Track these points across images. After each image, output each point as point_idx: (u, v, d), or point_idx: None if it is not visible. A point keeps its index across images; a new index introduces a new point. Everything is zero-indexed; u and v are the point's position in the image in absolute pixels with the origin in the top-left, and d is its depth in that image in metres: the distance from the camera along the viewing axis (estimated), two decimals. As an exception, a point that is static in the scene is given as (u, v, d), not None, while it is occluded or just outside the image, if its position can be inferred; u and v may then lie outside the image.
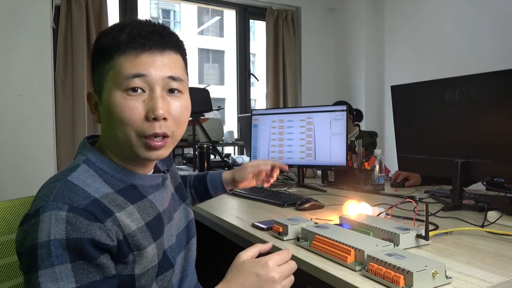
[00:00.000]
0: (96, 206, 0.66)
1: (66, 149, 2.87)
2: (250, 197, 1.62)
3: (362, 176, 1.82)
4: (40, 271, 0.61)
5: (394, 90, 1.60)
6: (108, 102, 0.71)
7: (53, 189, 0.66)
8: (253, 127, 2.03)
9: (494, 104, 1.25)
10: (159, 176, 0.84)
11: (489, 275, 0.77)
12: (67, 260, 0.62)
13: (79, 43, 2.87)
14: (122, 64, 0.70)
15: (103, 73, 0.73)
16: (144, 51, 0.71)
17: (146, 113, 0.71)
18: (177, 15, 18.36)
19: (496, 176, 1.23)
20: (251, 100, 4.10)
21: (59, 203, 0.64)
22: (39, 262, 0.61)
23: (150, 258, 0.74)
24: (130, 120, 0.70)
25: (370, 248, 0.83)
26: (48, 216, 0.62)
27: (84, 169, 0.72)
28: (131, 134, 0.72)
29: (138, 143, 0.72)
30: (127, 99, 0.70)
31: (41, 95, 2.71)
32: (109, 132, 0.74)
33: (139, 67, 0.70)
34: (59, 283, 0.61)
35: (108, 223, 0.66)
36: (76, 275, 0.62)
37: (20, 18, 2.62)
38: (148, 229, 0.75)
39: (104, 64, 0.72)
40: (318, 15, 4.06)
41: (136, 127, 0.71)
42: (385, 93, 3.75)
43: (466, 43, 3.05)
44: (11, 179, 2.55)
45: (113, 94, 0.71)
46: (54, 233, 0.61)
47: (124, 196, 0.74)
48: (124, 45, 0.71)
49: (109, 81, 0.72)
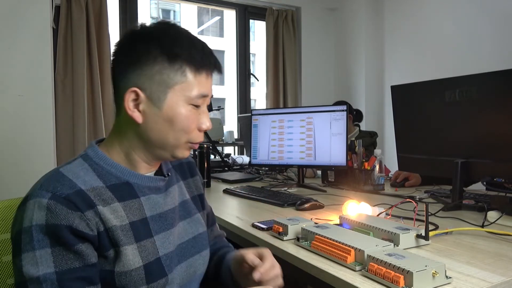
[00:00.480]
0: (79, 196, 0.70)
1: (66, 149, 2.87)
2: (250, 197, 1.62)
3: (362, 176, 1.82)
4: (23, 254, 0.65)
5: (394, 90, 1.60)
6: (174, 112, 0.77)
7: (43, 178, 0.72)
8: (253, 127, 2.03)
9: (494, 104, 1.25)
10: (159, 179, 0.84)
11: (489, 275, 0.77)
12: (47, 245, 0.66)
13: (79, 43, 2.87)
14: (198, 83, 0.78)
15: (168, 80, 0.76)
16: (210, 74, 0.81)
17: (199, 125, 0.81)
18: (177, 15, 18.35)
19: (496, 176, 1.23)
20: (251, 100, 4.10)
21: (44, 191, 0.69)
22: (22, 246, 0.66)
23: (130, 258, 0.73)
24: (190, 129, 0.80)
25: (370, 248, 0.83)
26: (33, 203, 0.68)
27: (79, 163, 0.77)
28: (182, 140, 0.80)
29: (184, 146, 0.81)
30: (192, 111, 0.79)
31: (41, 95, 2.71)
32: (156, 134, 0.78)
33: (208, 88, 0.80)
34: (39, 267, 0.65)
35: (88, 214, 0.70)
36: (55, 260, 0.66)
37: (20, 18, 2.62)
38: (132, 228, 0.75)
39: (172, 73, 0.76)
40: (318, 15, 4.06)
41: (190, 135, 0.80)
42: (385, 93, 3.75)
43: (466, 43, 3.05)
44: (11, 179, 2.55)
45: (181, 106, 0.78)
46: (36, 219, 0.66)
47: (114, 192, 0.76)
48: (199, 64, 0.78)
49: (177, 91, 0.77)
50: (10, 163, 2.57)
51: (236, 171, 2.48)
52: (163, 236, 0.81)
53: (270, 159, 1.98)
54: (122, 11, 3.29)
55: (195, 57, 0.77)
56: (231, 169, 2.55)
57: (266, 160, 1.99)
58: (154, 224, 0.80)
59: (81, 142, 2.85)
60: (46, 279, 0.65)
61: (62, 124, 2.86)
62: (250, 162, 2.06)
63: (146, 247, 0.77)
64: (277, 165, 2.01)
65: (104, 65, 3.00)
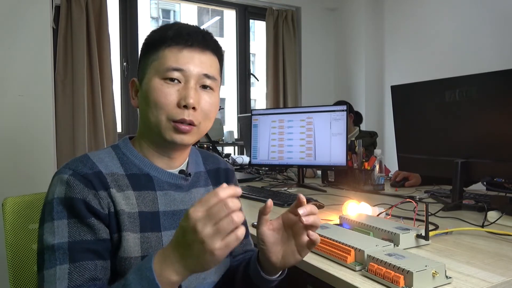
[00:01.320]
0: (96, 177, 0.75)
1: (66, 149, 2.86)
2: (250, 197, 1.62)
3: (362, 176, 1.82)
4: (45, 224, 0.72)
5: (394, 90, 1.60)
6: (147, 87, 0.80)
7: (72, 159, 0.79)
8: (253, 127, 2.03)
9: (494, 104, 1.25)
10: (180, 177, 0.85)
11: (489, 275, 0.77)
12: (64, 217, 0.72)
13: (79, 43, 2.87)
14: (165, 56, 0.79)
15: (147, 62, 0.81)
16: (186, 47, 0.79)
17: (178, 101, 0.78)
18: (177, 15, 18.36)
19: (496, 176, 1.23)
20: (251, 100, 4.10)
21: (67, 168, 0.75)
22: (45, 216, 0.73)
23: (131, 245, 0.75)
24: (163, 104, 0.78)
25: (370, 248, 0.83)
26: (56, 179, 0.75)
27: (108, 151, 0.83)
28: (161, 117, 0.78)
29: (167, 126, 0.79)
30: (164, 86, 0.78)
31: (41, 95, 2.70)
32: (143, 115, 0.82)
33: (180, 61, 0.78)
34: (55, 236, 0.70)
35: (102, 193, 0.74)
36: (70, 230, 0.71)
37: (20, 18, 2.62)
38: (140, 218, 0.77)
39: (149, 55, 0.81)
40: (318, 15, 4.05)
41: (167, 112, 0.78)
42: (385, 93, 3.74)
43: (466, 43, 3.05)
44: (11, 178, 2.55)
45: (153, 80, 0.79)
46: (57, 192, 0.73)
47: (131, 181, 0.79)
48: (169, 40, 0.79)
49: (151, 69, 0.80)
50: (10, 163, 2.57)
51: (236, 171, 2.48)
52: (171, 234, 0.80)
53: (270, 159, 1.98)
54: (122, 11, 3.29)
55: (167, 34, 0.80)
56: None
57: (266, 160, 1.99)
58: (165, 219, 0.81)
59: (81, 142, 2.85)
60: (59, 248, 0.70)
61: (62, 124, 2.86)
62: (250, 162, 2.06)
63: (149, 239, 0.78)
64: (277, 165, 2.01)
65: (104, 65, 3.00)
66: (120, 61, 3.26)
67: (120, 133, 3.20)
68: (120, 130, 3.21)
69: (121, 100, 3.28)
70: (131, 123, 3.29)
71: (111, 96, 3.03)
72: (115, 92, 3.08)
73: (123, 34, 3.28)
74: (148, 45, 0.83)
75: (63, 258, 0.69)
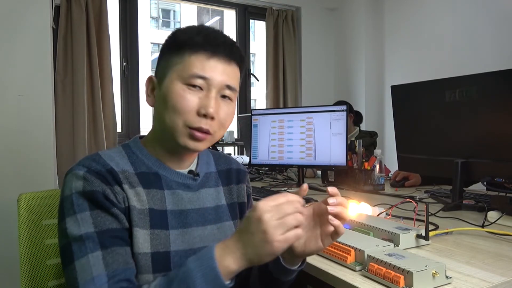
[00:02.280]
0: (109, 173, 0.76)
1: (66, 149, 2.86)
2: (250, 197, 1.62)
3: (362, 176, 1.82)
4: (66, 219, 0.72)
5: (394, 90, 1.60)
6: (167, 89, 0.79)
7: (83, 158, 0.80)
8: (253, 127, 2.03)
9: (494, 104, 1.25)
10: (189, 177, 0.86)
11: (489, 275, 0.77)
12: (86, 209, 0.72)
13: (79, 43, 2.87)
14: (191, 62, 0.78)
15: (170, 63, 0.80)
16: (213, 56, 0.79)
17: (198, 108, 0.78)
18: (177, 15, 18.36)
19: (496, 176, 1.23)
20: (251, 100, 4.10)
21: (80, 166, 0.76)
22: (65, 211, 0.73)
23: (141, 241, 0.75)
24: (182, 110, 0.77)
25: (370, 248, 0.83)
26: (71, 176, 0.75)
27: (118, 150, 0.84)
28: (178, 122, 0.78)
29: (183, 131, 0.79)
30: (186, 91, 0.78)
31: (41, 95, 2.70)
32: (159, 116, 0.81)
33: (205, 70, 0.78)
34: (80, 227, 0.70)
35: (117, 188, 0.76)
36: (94, 221, 0.71)
37: (20, 18, 2.62)
38: (150, 214, 0.78)
39: (174, 56, 0.80)
40: (318, 15, 4.05)
41: (185, 118, 0.78)
42: (385, 93, 3.74)
43: (466, 43, 3.05)
44: (11, 178, 2.55)
45: (174, 84, 0.78)
46: (75, 187, 0.74)
47: (141, 179, 0.80)
48: (198, 46, 0.78)
49: (174, 71, 0.79)
50: (10, 162, 2.57)
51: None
52: (178, 233, 0.81)
53: (270, 159, 1.98)
54: (122, 11, 3.29)
55: (195, 39, 0.79)
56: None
57: (266, 160, 1.99)
58: (172, 218, 0.81)
59: (81, 142, 2.85)
60: (88, 237, 0.70)
61: (62, 124, 2.86)
62: (250, 162, 2.06)
63: (159, 236, 0.78)
64: (277, 165, 2.01)
65: (104, 65, 3.00)
66: (120, 61, 3.26)
67: (120, 133, 3.19)
68: (120, 130, 3.21)
69: (121, 100, 3.28)
70: (131, 123, 3.29)
71: (111, 96, 3.03)
72: (115, 92, 3.08)
73: (123, 34, 3.28)
74: (172, 45, 0.81)
75: (93, 246, 0.69)
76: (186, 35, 0.80)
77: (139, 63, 3.34)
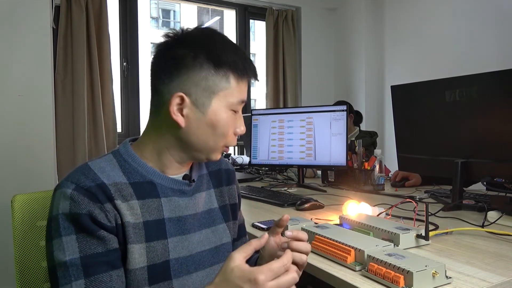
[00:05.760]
0: (99, 189, 0.73)
1: (66, 149, 2.86)
2: (250, 197, 1.62)
3: (362, 176, 1.82)
4: (53, 241, 0.71)
5: (394, 90, 1.60)
6: (217, 117, 0.80)
7: (72, 170, 0.77)
8: (253, 127, 2.03)
9: (494, 104, 1.25)
10: (184, 183, 0.85)
11: (489, 275, 0.77)
12: (72, 232, 0.70)
13: (79, 43, 2.87)
14: (240, 90, 0.81)
15: (214, 85, 0.78)
16: (250, 80, 0.84)
17: (235, 129, 0.84)
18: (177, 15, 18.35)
19: (496, 176, 1.23)
20: (251, 100, 4.10)
21: (69, 182, 0.73)
22: (52, 233, 0.71)
23: (136, 257, 0.74)
24: (229, 134, 0.83)
25: (370, 248, 0.83)
26: (59, 193, 0.73)
27: (108, 158, 0.81)
28: (221, 143, 0.83)
29: (219, 149, 0.84)
30: (231, 117, 0.82)
31: (41, 95, 2.70)
32: (197, 137, 0.80)
33: (245, 94, 0.83)
34: (65, 252, 0.70)
35: (107, 206, 0.73)
36: (80, 245, 0.70)
37: (20, 18, 2.61)
38: (145, 227, 0.76)
39: (216, 78, 0.78)
40: (318, 15, 4.05)
41: (227, 139, 0.83)
42: (385, 93, 3.74)
43: (466, 43, 3.05)
44: (11, 178, 2.55)
45: (224, 111, 0.80)
46: (62, 208, 0.71)
47: (135, 189, 0.78)
48: (242, 72, 0.81)
49: (221, 97, 0.79)
50: (10, 163, 2.57)
51: (236, 171, 2.47)
52: (177, 240, 0.80)
53: (270, 159, 1.98)
54: (122, 11, 3.29)
55: (238, 64, 0.80)
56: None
57: (266, 160, 1.99)
58: (170, 226, 0.80)
59: (81, 142, 2.85)
60: (72, 264, 0.69)
61: (62, 124, 2.86)
62: (250, 162, 2.06)
63: (155, 248, 0.77)
64: (277, 165, 2.01)
65: (104, 65, 3.00)
66: (120, 61, 3.26)
67: (120, 133, 3.19)
68: (120, 130, 3.21)
69: (121, 100, 3.28)
70: (131, 123, 3.29)
71: (111, 96, 3.03)
72: (115, 92, 3.08)
73: (123, 34, 3.28)
74: (213, 62, 0.77)
75: (77, 274, 0.69)
76: (228, 56, 0.79)
77: (139, 63, 3.34)
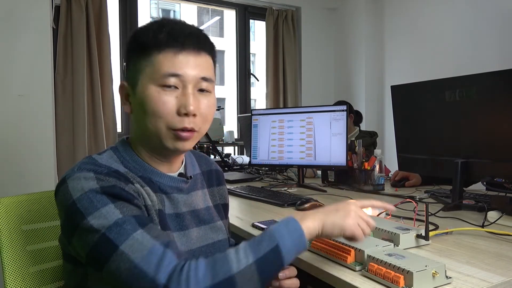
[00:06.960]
0: (118, 173, 0.73)
1: (66, 149, 2.86)
2: (250, 197, 1.62)
3: (362, 176, 1.82)
4: (88, 217, 0.66)
5: (394, 90, 1.60)
6: (142, 95, 0.76)
7: (78, 163, 0.74)
8: (253, 127, 2.03)
9: (494, 104, 1.25)
10: (181, 181, 0.85)
11: (489, 275, 0.77)
12: (108, 202, 0.67)
13: (79, 43, 2.87)
14: (160, 62, 0.75)
15: (139, 67, 0.77)
16: (181, 51, 0.76)
17: (178, 108, 0.75)
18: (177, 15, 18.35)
19: (496, 176, 1.23)
20: (251, 100, 4.10)
21: (84, 170, 0.71)
22: (84, 212, 0.66)
23: None
24: (162, 113, 0.75)
25: (370, 248, 0.83)
26: (77, 178, 0.70)
27: (109, 154, 0.80)
28: (161, 126, 0.76)
29: (167, 134, 0.77)
30: (161, 93, 0.75)
31: (41, 95, 2.71)
32: (140, 123, 0.79)
33: (176, 66, 0.75)
34: (109, 218, 0.66)
35: (133, 187, 0.74)
36: (121, 211, 0.67)
37: (20, 18, 2.62)
38: (159, 215, 0.78)
39: (141, 59, 0.77)
40: (318, 15, 4.05)
41: (167, 120, 0.76)
42: (385, 93, 3.74)
43: (466, 43, 3.05)
44: (11, 178, 2.55)
45: (149, 88, 0.75)
46: (87, 186, 0.68)
47: (142, 183, 0.78)
48: (163, 44, 0.75)
49: (145, 75, 0.76)
50: (10, 163, 2.57)
51: (236, 171, 2.48)
52: (176, 236, 0.81)
53: (270, 159, 1.97)
54: (122, 11, 3.29)
55: (158, 38, 0.75)
56: (231, 169, 2.55)
57: (266, 160, 1.99)
58: (171, 222, 0.81)
59: (81, 142, 2.85)
60: (124, 221, 0.66)
61: (62, 124, 2.86)
62: (250, 162, 2.06)
63: None
64: (277, 165, 2.01)
65: (104, 65, 3.00)
66: (120, 61, 3.26)
67: (120, 133, 3.20)
68: (120, 130, 3.21)
69: (121, 100, 3.28)
70: (131, 123, 3.29)
71: (111, 96, 3.03)
72: (115, 92, 3.08)
73: (123, 34, 3.28)
74: (137, 48, 0.78)
75: (133, 227, 0.65)
76: (148, 34, 0.76)
77: (139, 63, 3.34)
